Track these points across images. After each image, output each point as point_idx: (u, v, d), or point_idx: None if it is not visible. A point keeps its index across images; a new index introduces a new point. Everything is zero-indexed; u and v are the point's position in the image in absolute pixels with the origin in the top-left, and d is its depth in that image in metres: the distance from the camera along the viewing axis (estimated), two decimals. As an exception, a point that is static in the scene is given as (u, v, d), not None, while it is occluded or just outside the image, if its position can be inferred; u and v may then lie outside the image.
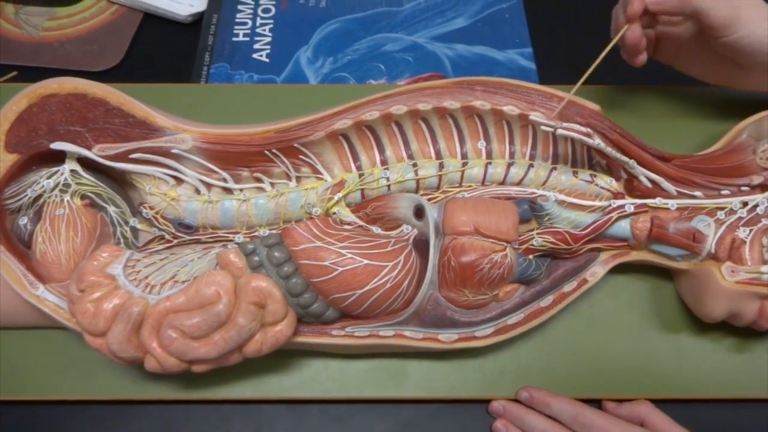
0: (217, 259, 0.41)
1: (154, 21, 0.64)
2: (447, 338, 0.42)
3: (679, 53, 0.49)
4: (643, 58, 0.46)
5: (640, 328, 0.46)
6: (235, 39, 0.60)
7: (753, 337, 0.45)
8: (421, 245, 0.43)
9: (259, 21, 0.61)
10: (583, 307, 0.46)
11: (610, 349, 0.45)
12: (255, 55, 0.59)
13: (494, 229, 0.41)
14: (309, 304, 0.40)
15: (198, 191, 0.45)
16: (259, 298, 0.39)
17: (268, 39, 0.60)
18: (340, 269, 0.39)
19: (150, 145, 0.43)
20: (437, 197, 0.46)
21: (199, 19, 0.63)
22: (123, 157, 0.43)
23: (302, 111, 0.45)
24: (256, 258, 0.40)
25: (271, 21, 0.61)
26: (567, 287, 0.44)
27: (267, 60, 0.58)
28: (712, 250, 0.42)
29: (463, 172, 0.46)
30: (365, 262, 0.40)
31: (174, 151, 0.43)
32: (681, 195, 0.44)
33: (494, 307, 0.43)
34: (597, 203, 0.44)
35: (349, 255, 0.40)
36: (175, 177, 0.44)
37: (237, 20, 0.61)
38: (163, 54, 0.61)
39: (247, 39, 0.60)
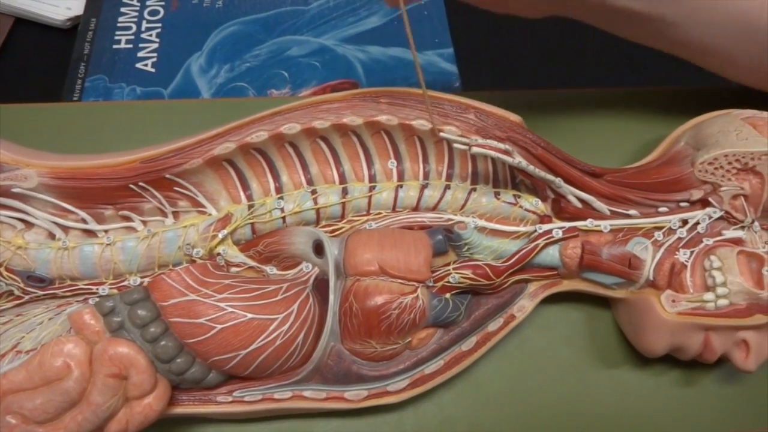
0: (69, 321, 0.34)
1: (26, 27, 0.56)
2: (355, 396, 0.36)
3: None
4: None
5: (577, 365, 0.41)
6: (116, 46, 0.52)
7: (698, 370, 0.40)
8: (323, 287, 0.37)
9: (144, 25, 0.54)
10: (512, 346, 0.41)
11: (545, 391, 0.40)
12: (139, 65, 0.51)
13: (402, 267, 0.35)
14: (184, 369, 0.34)
15: (53, 235, 0.37)
16: (119, 368, 0.32)
17: (155, 45, 0.52)
18: (219, 327, 0.33)
19: (-16, 184, 0.35)
20: (342, 228, 0.39)
21: (78, 24, 0.55)
22: (-48, 199, 0.35)
23: (193, 130, 0.39)
24: (117, 318, 0.33)
25: (159, 25, 0.54)
26: (492, 326, 0.38)
27: (153, 70, 0.51)
28: (651, 277, 0.38)
29: (370, 197, 0.40)
30: (249, 316, 0.33)
31: (15, 190, 0.36)
32: (614, 215, 0.39)
33: (408, 356, 0.37)
34: (521, 228, 0.39)
35: (230, 309, 0.33)
36: (23, 220, 0.37)
37: (119, 24, 0.54)
38: (35, 66, 0.53)
39: (131, 46, 0.52)
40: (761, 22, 0.38)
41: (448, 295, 0.37)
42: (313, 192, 0.39)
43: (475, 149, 0.37)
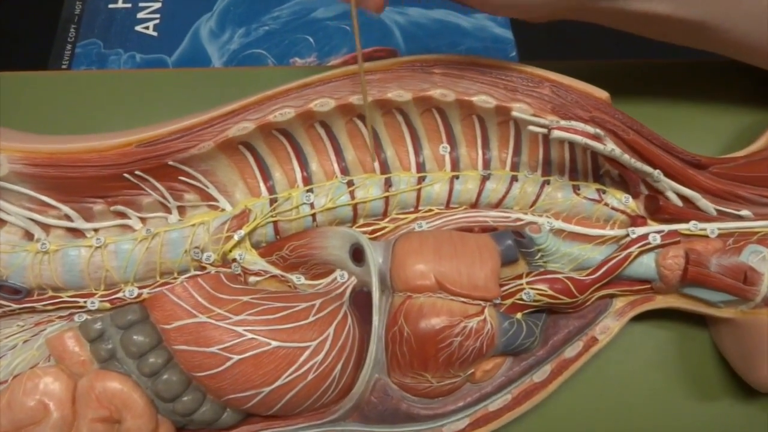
0: (48, 347, 0.27)
1: (11, -15, 0.48)
2: (402, 439, 0.29)
3: None
4: None
5: (668, 395, 0.34)
6: (112, 6, 0.45)
7: (817, 404, 0.33)
8: (362, 302, 0.30)
9: (146, -19, 0.46)
10: (591, 371, 0.34)
11: (629, 426, 0.33)
12: (139, 27, 0.44)
13: (465, 282, 0.28)
14: (192, 409, 0.27)
15: (31, 235, 0.30)
16: (110, 410, 0.26)
17: (158, 5, 0.45)
18: (236, 357, 0.26)
19: (-58, 172, 0.28)
20: (385, 228, 0.32)
21: (69, -20, 0.47)
22: None
23: (202, 106, 0.32)
24: (107, 345, 0.26)
25: (163, -19, 0.46)
26: (569, 351, 0.31)
27: (155, 33, 0.44)
28: (770, 295, 0.30)
29: (419, 191, 0.32)
30: (274, 344, 0.27)
31: (-19, 180, 0.29)
32: (722, 215, 0.32)
33: (469, 390, 0.30)
34: (610, 232, 0.31)
35: (250, 335, 0.27)
36: (-7, 216, 0.30)
37: (116, -20, 0.46)
38: (18, 28, 0.46)
39: (129, 5, 0.45)
40: None
41: (519, 315, 0.30)
42: (350, 183, 0.32)
43: (556, 133, 0.29)
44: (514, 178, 0.33)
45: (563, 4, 0.29)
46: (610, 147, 0.30)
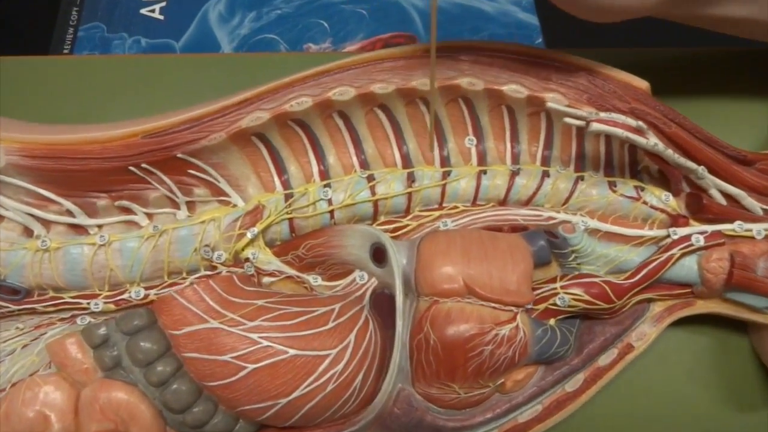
0: (48, 353, 0.25)
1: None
2: (426, 453, 0.28)
3: None
4: None
5: (704, 405, 0.32)
6: (116, -12, 0.43)
7: None
8: (382, 304, 0.28)
9: (151, -39, 0.44)
10: (624, 379, 0.31)
11: (662, 438, 0.31)
12: (144, 11, 0.42)
13: (497, 286, 0.26)
14: (203, 421, 0.25)
15: (31, 232, 0.28)
16: (115, 422, 0.24)
17: (164, -13, 0.43)
18: (251, 366, 0.24)
19: (-66, 164, 0.26)
20: (407, 226, 0.30)
21: (71, -38, 0.45)
22: None
23: (212, 94, 0.30)
24: (112, 351, 0.25)
25: (169, -39, 0.44)
26: (603, 359, 0.29)
27: (161, 17, 0.42)
28: (821, 301, 0.28)
29: (444, 186, 0.30)
30: (291, 352, 0.25)
31: (-24, 172, 0.27)
32: (769, 215, 0.30)
33: (498, 400, 0.28)
34: (650, 232, 0.29)
35: (265, 342, 0.25)
36: (-10, 210, 0.28)
37: (120, -39, 0.44)
38: (18, 11, 0.44)
39: (134, -13, 0.43)
40: None
41: (552, 321, 0.28)
42: (370, 178, 0.30)
43: (595, 126, 0.27)
44: (546, 174, 0.31)
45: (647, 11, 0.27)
46: (653, 141, 0.27)
